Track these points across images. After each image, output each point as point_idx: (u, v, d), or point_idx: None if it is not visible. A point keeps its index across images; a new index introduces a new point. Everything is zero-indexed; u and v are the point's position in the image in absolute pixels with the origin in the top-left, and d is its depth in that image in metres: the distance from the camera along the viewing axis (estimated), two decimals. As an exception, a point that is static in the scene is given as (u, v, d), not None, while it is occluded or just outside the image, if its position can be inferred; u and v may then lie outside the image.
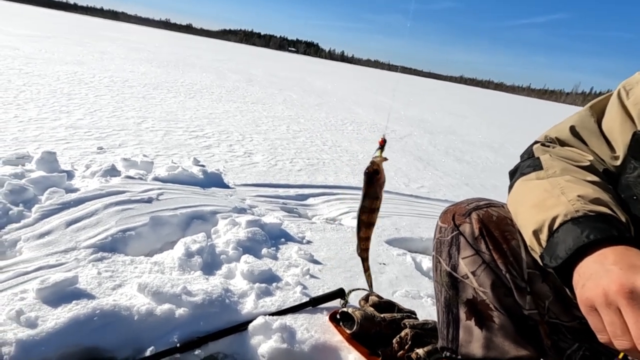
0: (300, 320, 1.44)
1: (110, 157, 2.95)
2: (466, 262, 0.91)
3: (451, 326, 0.93)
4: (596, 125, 0.84)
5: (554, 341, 0.88)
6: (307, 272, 1.76)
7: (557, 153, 0.84)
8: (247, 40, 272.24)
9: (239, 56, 28.84)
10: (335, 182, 3.33)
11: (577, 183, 0.74)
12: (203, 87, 8.41)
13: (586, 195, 0.69)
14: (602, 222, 0.65)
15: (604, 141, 0.83)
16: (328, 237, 2.21)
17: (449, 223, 0.94)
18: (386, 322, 1.33)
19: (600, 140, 0.82)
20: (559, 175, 0.77)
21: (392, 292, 1.76)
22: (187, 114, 5.29)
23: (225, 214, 2.15)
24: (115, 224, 1.80)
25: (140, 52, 15.23)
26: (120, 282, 1.47)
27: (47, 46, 11.10)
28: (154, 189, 2.19)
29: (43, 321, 1.22)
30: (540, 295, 0.87)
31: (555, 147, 0.88)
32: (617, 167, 0.80)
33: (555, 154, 0.85)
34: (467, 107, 19.52)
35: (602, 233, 0.62)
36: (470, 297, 0.90)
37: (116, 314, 1.31)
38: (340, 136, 5.67)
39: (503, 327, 0.88)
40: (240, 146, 4.02)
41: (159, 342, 1.29)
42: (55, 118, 3.88)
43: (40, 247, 1.59)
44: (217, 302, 1.43)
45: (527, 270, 0.87)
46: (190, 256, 1.67)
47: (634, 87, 0.79)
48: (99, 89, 6.09)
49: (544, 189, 0.76)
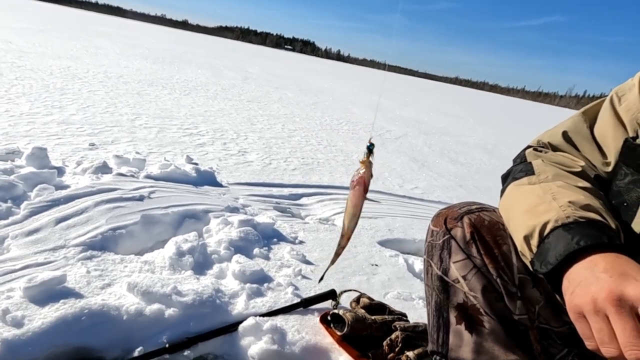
0: (291, 321, 1.43)
1: (103, 153, 2.92)
2: (457, 266, 0.90)
3: (441, 330, 0.93)
4: (589, 130, 0.84)
5: (544, 346, 0.88)
6: (299, 272, 1.75)
7: (549, 158, 0.84)
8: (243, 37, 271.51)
9: (235, 53, 28.75)
10: (329, 182, 3.32)
11: (568, 189, 0.73)
12: (198, 85, 8.37)
13: (577, 202, 0.69)
14: (593, 228, 0.64)
15: (595, 147, 0.83)
16: (321, 237, 2.21)
17: (441, 227, 0.94)
18: (377, 324, 1.33)
19: (593, 146, 0.83)
20: (551, 180, 0.77)
21: (384, 293, 1.76)
22: (182, 111, 5.25)
23: (217, 213, 2.14)
24: (105, 222, 1.78)
25: (135, 48, 15.12)
26: (109, 281, 1.46)
27: (40, 40, 10.99)
28: (145, 186, 2.17)
29: (30, 320, 1.20)
30: (531, 300, 0.87)
31: (547, 152, 0.88)
32: (608, 174, 0.80)
33: (547, 159, 0.85)
34: (462, 108, 19.60)
35: (592, 239, 0.62)
36: (461, 301, 0.90)
37: (105, 314, 1.30)
38: (336, 135, 5.66)
39: (493, 332, 0.88)
40: (234, 144, 4.00)
41: (148, 343, 1.28)
42: (48, 113, 3.84)
43: (29, 245, 1.57)
44: (208, 302, 1.42)
45: (518, 275, 0.87)
46: (181, 255, 1.66)
47: (626, 93, 0.79)
48: (92, 84, 6.03)
49: (536, 195, 0.75)
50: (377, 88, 19.44)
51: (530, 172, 0.82)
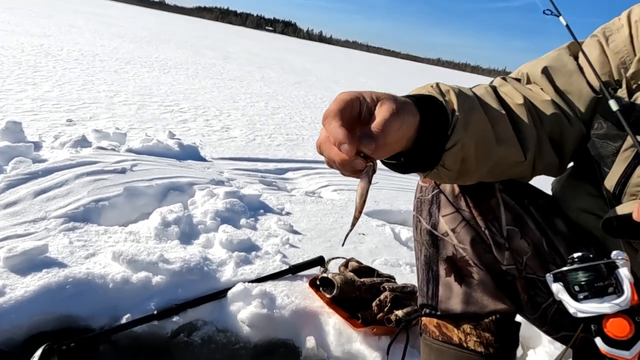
0: (280, 287, 1.43)
1: (81, 129, 2.84)
2: (446, 220, 0.91)
3: (431, 283, 0.94)
4: (575, 63, 0.81)
5: (531, 296, 0.90)
6: (286, 241, 1.75)
7: (515, 86, 0.80)
8: (223, 18, 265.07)
9: (215, 34, 28.08)
10: (314, 157, 3.30)
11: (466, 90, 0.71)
12: (178, 63, 8.16)
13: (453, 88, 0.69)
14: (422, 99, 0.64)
15: (576, 82, 0.79)
16: (308, 209, 2.20)
17: (430, 182, 0.94)
18: (366, 286, 1.34)
19: (571, 80, 0.79)
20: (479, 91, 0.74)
21: (372, 260, 1.77)
22: (162, 89, 5.13)
23: (202, 185, 2.11)
24: (87, 194, 1.74)
25: (110, 27, 14.61)
26: (93, 251, 1.43)
27: (9, 18, 10.50)
28: (127, 160, 2.12)
29: (12, 289, 1.17)
30: (518, 251, 0.88)
31: (518, 82, 0.84)
32: (583, 114, 0.78)
33: (512, 85, 0.81)
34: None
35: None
36: (450, 254, 0.91)
37: (90, 282, 1.27)
38: (320, 114, 5.61)
39: (482, 283, 0.89)
40: (217, 121, 3.93)
41: (135, 310, 1.26)
42: (21, 90, 3.70)
43: (7, 217, 1.53)
44: (196, 269, 1.41)
45: (506, 227, 0.88)
46: (166, 226, 1.63)
47: (614, 33, 0.77)
48: (67, 62, 5.82)
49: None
50: (360, 68, 19.34)
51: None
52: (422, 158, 0.64)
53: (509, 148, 0.72)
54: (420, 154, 0.62)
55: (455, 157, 0.65)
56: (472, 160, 0.68)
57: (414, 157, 0.62)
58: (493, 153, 0.70)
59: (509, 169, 0.77)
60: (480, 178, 0.77)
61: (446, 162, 0.65)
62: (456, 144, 0.64)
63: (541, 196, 0.92)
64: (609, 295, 0.56)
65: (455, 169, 0.68)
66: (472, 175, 0.73)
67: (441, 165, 0.66)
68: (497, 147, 0.70)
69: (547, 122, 0.77)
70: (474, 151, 0.67)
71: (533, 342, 1.47)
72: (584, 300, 0.58)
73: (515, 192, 0.89)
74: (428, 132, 0.60)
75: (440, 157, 0.64)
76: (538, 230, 0.88)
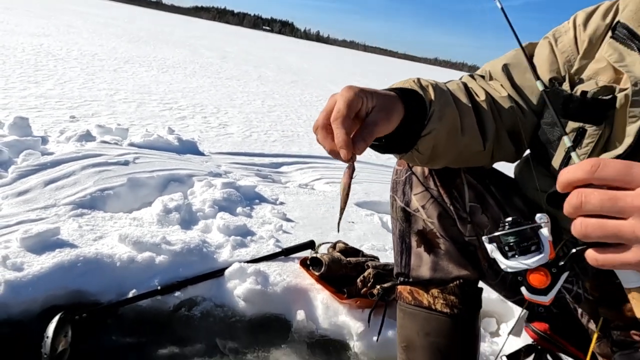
0: (274, 267, 1.56)
1: (84, 125, 2.95)
2: (417, 198, 1.03)
3: (404, 254, 1.06)
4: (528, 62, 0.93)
5: (490, 264, 1.02)
6: (280, 228, 1.87)
7: (479, 83, 0.94)
8: (220, 18, 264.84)
9: (212, 34, 28.14)
10: (309, 152, 3.43)
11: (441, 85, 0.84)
12: (176, 63, 8.27)
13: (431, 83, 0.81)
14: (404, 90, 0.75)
15: (531, 78, 0.92)
16: (301, 199, 2.33)
17: (404, 165, 1.06)
18: (352, 264, 1.46)
19: (526, 76, 0.92)
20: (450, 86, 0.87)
21: (359, 245, 1.89)
22: (161, 88, 5.24)
23: (201, 177, 2.23)
24: (93, 184, 1.86)
25: (108, 27, 14.69)
26: (101, 234, 1.55)
27: (8, 18, 10.58)
28: (130, 153, 2.23)
29: (29, 266, 1.29)
30: (479, 225, 1.01)
31: (482, 79, 0.97)
32: (537, 106, 0.92)
33: (477, 82, 0.94)
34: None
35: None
36: (421, 227, 1.03)
37: (99, 261, 1.39)
38: (315, 112, 5.74)
39: (448, 252, 1.02)
40: (215, 118, 4.05)
41: (140, 287, 1.38)
42: (24, 88, 3.80)
43: (20, 204, 1.64)
44: (195, 251, 1.53)
45: (469, 203, 1.00)
46: (168, 212, 1.75)
47: (562, 35, 0.90)
48: (67, 61, 5.92)
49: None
50: (356, 68, 19.45)
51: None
52: (400, 142, 0.76)
53: (472, 138, 0.85)
54: (399, 139, 0.74)
55: (428, 143, 0.78)
56: (442, 147, 0.81)
57: (393, 141, 0.75)
58: (459, 141, 0.83)
59: (471, 157, 0.90)
60: (447, 163, 0.90)
61: (420, 147, 0.78)
62: (430, 132, 0.76)
63: (502, 178, 1.05)
64: (532, 253, 0.68)
65: (427, 153, 0.80)
66: (440, 160, 0.86)
67: (415, 149, 0.78)
68: (462, 137, 0.83)
69: (505, 116, 0.90)
70: (444, 139, 0.79)
71: (506, 317, 1.60)
72: (512, 257, 0.69)
73: (478, 173, 1.02)
74: (409, 125, 0.72)
75: (416, 143, 0.77)
76: (497, 206, 1.00)
